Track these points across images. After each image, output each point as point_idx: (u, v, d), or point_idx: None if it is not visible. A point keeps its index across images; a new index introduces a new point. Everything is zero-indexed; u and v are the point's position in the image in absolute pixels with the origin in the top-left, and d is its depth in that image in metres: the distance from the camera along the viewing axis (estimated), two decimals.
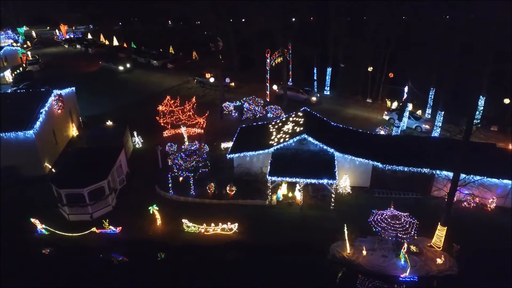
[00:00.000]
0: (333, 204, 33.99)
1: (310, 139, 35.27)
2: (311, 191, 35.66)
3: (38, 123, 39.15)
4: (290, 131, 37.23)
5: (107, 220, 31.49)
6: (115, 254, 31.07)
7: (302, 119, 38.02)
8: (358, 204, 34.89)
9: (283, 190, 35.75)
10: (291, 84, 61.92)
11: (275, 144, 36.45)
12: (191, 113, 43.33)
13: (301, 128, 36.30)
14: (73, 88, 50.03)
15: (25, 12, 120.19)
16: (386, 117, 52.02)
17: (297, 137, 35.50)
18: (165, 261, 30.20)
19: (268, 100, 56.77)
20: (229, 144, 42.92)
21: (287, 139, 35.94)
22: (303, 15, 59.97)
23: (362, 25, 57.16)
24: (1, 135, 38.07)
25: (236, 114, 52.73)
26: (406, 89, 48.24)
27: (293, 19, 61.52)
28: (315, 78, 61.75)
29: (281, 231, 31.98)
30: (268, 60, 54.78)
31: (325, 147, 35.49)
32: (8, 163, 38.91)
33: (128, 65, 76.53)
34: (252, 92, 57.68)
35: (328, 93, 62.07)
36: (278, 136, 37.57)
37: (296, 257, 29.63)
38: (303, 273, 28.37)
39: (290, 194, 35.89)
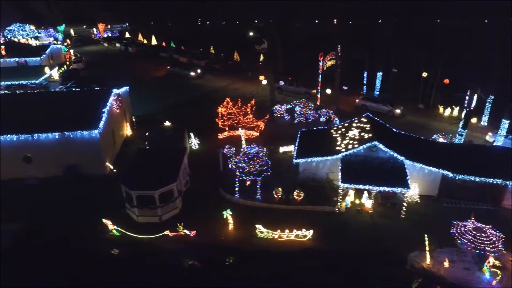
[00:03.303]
0: (403, 213, 33.20)
1: (381, 146, 34.65)
2: (380, 199, 34.93)
3: (102, 123, 39.11)
4: (357, 137, 36.60)
5: (182, 223, 31.17)
6: (186, 258, 30.46)
7: (368, 125, 37.39)
8: (427, 213, 34.25)
9: (351, 197, 35.09)
10: (366, 93, 60.42)
11: (343, 150, 35.85)
12: (251, 115, 42.88)
13: (370, 135, 35.68)
14: (127, 88, 49.98)
15: (63, 11, 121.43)
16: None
17: (367, 144, 34.88)
18: (238, 267, 29.55)
19: (318, 103, 56.12)
20: (288, 148, 42.64)
21: (356, 146, 35.31)
22: (361, 16, 58.77)
23: (416, 28, 55.76)
24: (67, 133, 38.07)
25: (288, 117, 52.17)
26: (467, 96, 47.01)
27: (350, 22, 60.46)
28: (364, 82, 60.83)
29: (354, 239, 31.46)
30: (320, 63, 54.09)
31: (395, 154, 34.72)
32: (70, 162, 39.06)
33: (199, 71, 74.62)
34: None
35: None
36: (345, 142, 36.99)
37: (373, 266, 28.80)
38: (383, 283, 27.65)
39: (357, 201, 35.23)
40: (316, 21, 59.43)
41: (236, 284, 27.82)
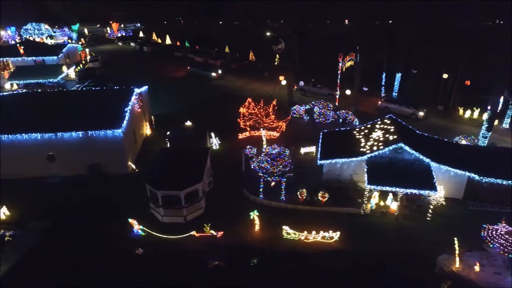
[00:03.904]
0: (429, 215, 32.94)
1: (407, 148, 34.37)
2: (404, 201, 34.66)
3: (125, 122, 39.14)
4: (381, 138, 36.35)
5: (209, 224, 31.07)
6: (212, 258, 30.24)
7: (392, 127, 37.14)
8: (453, 216, 33.97)
9: (375, 199, 34.87)
10: (388, 95, 59.85)
11: (368, 151, 35.61)
12: (273, 116, 42.75)
13: (395, 137, 35.42)
14: (147, 87, 49.99)
15: (76, 10, 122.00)
16: None
17: (393, 146, 34.60)
18: (265, 268, 29.35)
19: (337, 104, 55.89)
20: (310, 149, 42.48)
21: (381, 147, 35.04)
22: (382, 16, 58.34)
23: (438, 28, 55.24)
24: (90, 132, 38.15)
25: (308, 118, 52.00)
26: (491, 98, 46.57)
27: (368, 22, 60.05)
28: (383, 83, 60.46)
29: (380, 241, 31.26)
30: (340, 64, 53.87)
31: (421, 156, 34.42)
32: (93, 161, 39.16)
33: (219, 71, 73.67)
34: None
35: None
36: (369, 143, 36.77)
37: (401, 268, 28.55)
38: (412, 286, 27.32)
39: (381, 203, 34.99)
40: (328, 21, 58.80)
41: (262, 285, 27.69)
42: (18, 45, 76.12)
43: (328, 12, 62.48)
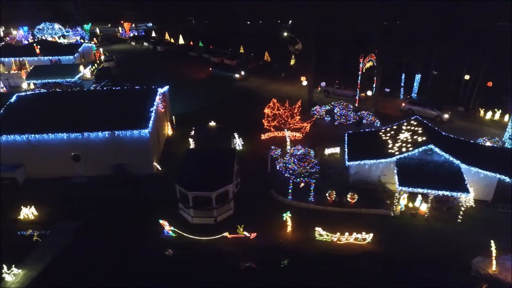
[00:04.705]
0: (460, 217, 32.77)
1: (437, 149, 34.18)
2: (434, 203, 34.48)
3: (151, 122, 39.10)
4: (409, 140, 36.22)
5: (242, 225, 30.97)
6: (243, 260, 30.10)
7: (420, 128, 37.03)
8: (483, 218, 33.83)
9: (405, 201, 34.72)
10: (412, 97, 59.53)
11: (396, 153, 35.46)
12: (299, 117, 42.65)
13: (424, 138, 35.26)
14: (168, 87, 49.96)
15: (88, 10, 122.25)
16: None
17: (423, 147, 34.43)
18: (299, 269, 29.21)
19: (357, 105, 55.74)
20: (334, 150, 42.33)
21: (410, 149, 34.90)
22: (402, 17, 58.03)
23: (459, 29, 54.89)
24: (116, 132, 38.14)
25: (329, 118, 51.88)
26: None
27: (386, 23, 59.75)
28: (402, 84, 60.24)
29: (412, 242, 31.14)
30: (361, 65, 53.71)
31: (451, 158, 34.24)
32: (118, 161, 39.15)
33: (243, 72, 72.38)
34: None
35: None
36: (397, 145, 36.60)
37: (436, 271, 28.39)
38: None
39: (410, 205, 34.84)
40: (339, 22, 58.60)
41: (295, 286, 27.57)
42: (35, 44, 76.02)
43: (345, 12, 62.18)
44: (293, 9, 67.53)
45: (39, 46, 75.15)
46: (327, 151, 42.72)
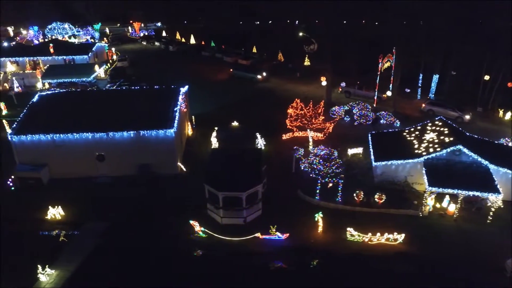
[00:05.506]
0: (490, 218, 32.69)
1: (465, 150, 34.14)
2: (463, 204, 34.39)
3: (175, 122, 39.06)
4: (436, 140, 36.19)
5: (275, 226, 30.92)
6: (274, 260, 29.92)
7: (446, 129, 37.05)
8: None
9: (432, 201, 34.67)
10: (432, 98, 59.26)
11: (424, 153, 35.43)
12: (323, 117, 42.60)
13: (451, 139, 35.24)
14: (187, 87, 49.90)
15: (97, 10, 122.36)
16: None
17: (451, 148, 34.41)
18: (331, 269, 29.13)
19: (375, 105, 55.65)
20: (357, 150, 42.22)
21: (438, 149, 34.88)
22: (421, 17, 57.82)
23: (479, 28, 54.67)
24: (142, 132, 38.08)
25: (348, 119, 51.82)
26: None
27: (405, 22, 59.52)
28: (419, 85, 60.08)
29: (443, 243, 31.17)
30: (380, 65, 53.63)
31: (479, 159, 34.18)
32: (143, 161, 39.09)
33: (264, 74, 70.66)
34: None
35: None
36: (423, 145, 36.59)
37: (471, 272, 28.30)
38: None
39: (437, 205, 34.78)
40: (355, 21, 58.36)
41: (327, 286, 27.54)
42: (50, 44, 76.05)
43: (363, 13, 62.17)
44: (313, 10, 67.09)
45: (52, 45, 75.09)
46: (350, 151, 42.67)
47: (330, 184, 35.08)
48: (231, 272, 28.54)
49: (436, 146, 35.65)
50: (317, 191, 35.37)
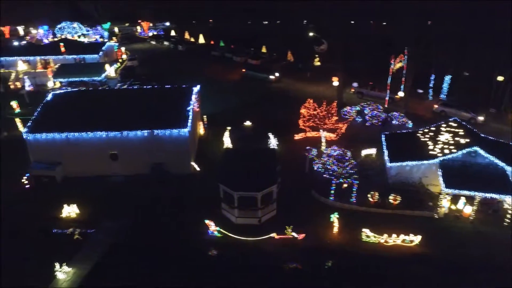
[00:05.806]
0: (508, 221, 32.49)
1: (481, 151, 33.92)
2: (479, 205, 34.16)
3: (189, 121, 39.06)
4: (451, 142, 35.98)
5: (291, 226, 30.86)
6: (289, 261, 29.80)
7: (461, 130, 36.82)
8: None
9: (448, 203, 34.48)
10: (445, 99, 58.63)
11: (439, 154, 35.24)
12: (336, 118, 42.46)
13: (467, 140, 35.02)
14: (199, 86, 49.83)
15: (107, 9, 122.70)
16: None
17: (467, 149, 34.22)
18: (348, 270, 29.02)
19: (386, 106, 55.45)
20: (370, 151, 42.04)
21: (453, 151, 34.70)
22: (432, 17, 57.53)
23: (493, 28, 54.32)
24: (156, 131, 38.08)
25: (360, 119, 51.65)
26: None
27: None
28: (431, 85, 59.79)
29: (460, 245, 30.99)
30: (391, 66, 53.42)
31: (495, 160, 33.96)
32: (156, 160, 39.11)
33: (277, 74, 69.77)
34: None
35: None
36: (438, 146, 36.36)
37: (488, 275, 28.11)
38: None
39: (453, 207, 34.58)
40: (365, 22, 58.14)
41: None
42: (61, 44, 76.29)
43: (371, 14, 62.01)
44: (326, 10, 66.92)
45: (63, 44, 75.33)
46: (363, 152, 42.46)
47: (345, 185, 34.93)
48: (245, 272, 28.69)
49: (451, 147, 35.44)
50: (332, 191, 35.05)
